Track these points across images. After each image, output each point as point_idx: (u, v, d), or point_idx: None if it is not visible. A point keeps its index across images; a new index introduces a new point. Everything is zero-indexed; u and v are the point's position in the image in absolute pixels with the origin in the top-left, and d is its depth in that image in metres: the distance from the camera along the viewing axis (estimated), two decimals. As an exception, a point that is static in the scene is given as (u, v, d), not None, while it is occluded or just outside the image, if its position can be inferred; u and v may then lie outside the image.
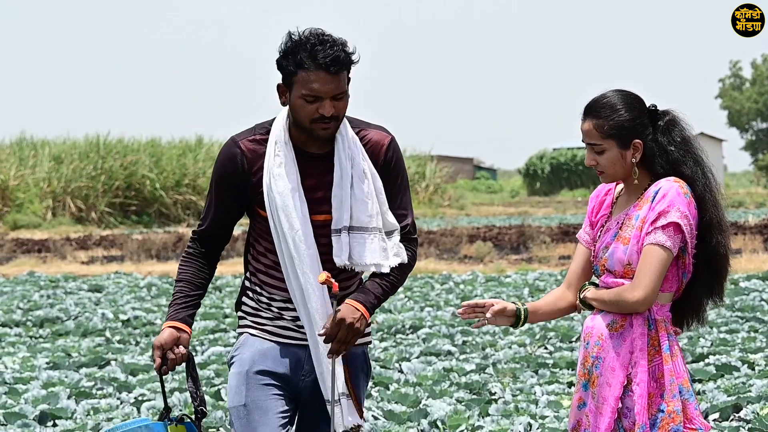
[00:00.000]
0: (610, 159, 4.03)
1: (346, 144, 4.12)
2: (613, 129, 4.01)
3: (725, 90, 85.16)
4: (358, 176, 4.11)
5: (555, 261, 21.51)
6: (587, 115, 4.06)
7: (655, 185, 4.01)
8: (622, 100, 4.05)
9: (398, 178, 4.20)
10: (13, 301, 15.76)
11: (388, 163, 4.18)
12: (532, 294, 15.62)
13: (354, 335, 4.06)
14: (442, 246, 24.19)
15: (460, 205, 52.00)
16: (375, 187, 4.13)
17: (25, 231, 36.11)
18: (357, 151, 4.12)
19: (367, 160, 4.13)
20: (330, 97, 4.03)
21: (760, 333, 11.47)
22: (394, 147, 4.19)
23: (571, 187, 66.60)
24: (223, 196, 4.18)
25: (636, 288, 3.93)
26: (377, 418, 7.72)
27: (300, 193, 4.09)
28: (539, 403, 8.01)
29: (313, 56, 4.01)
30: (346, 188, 4.10)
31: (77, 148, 43.44)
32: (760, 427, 7.24)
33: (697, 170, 4.03)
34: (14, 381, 9.46)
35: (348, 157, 4.11)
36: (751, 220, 30.51)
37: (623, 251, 4.00)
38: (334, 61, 4.00)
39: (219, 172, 4.18)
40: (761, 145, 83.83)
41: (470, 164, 76.50)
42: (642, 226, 3.98)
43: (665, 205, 3.94)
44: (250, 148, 4.14)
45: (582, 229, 4.25)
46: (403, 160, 4.25)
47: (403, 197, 4.21)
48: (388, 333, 12.24)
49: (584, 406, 4.09)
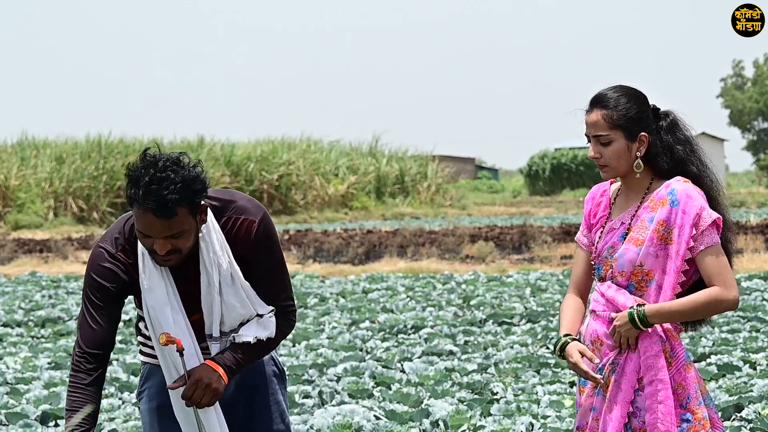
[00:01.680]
0: (616, 151, 4.02)
1: (210, 250, 4.01)
2: (621, 119, 4.01)
3: (727, 89, 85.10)
4: (226, 282, 4.03)
5: (557, 261, 21.50)
6: (594, 106, 4.05)
7: (666, 186, 4.01)
8: (630, 93, 4.06)
9: (271, 258, 4.11)
10: (14, 301, 15.77)
11: (258, 246, 4.08)
12: (534, 294, 15.61)
13: (212, 395, 4.02)
14: (444, 246, 24.19)
15: (462, 205, 51.98)
16: (244, 290, 4.06)
17: (26, 231, 36.12)
18: (223, 255, 4.02)
19: (232, 258, 4.03)
20: (163, 237, 3.91)
21: (761, 333, 11.46)
22: (263, 227, 4.07)
23: (573, 187, 66.56)
24: (106, 306, 4.08)
25: (729, 287, 3.93)
26: (379, 418, 7.72)
27: (173, 305, 4.04)
28: (541, 403, 8.00)
29: (142, 196, 3.84)
30: (214, 295, 4.04)
31: (79, 148, 43.49)
32: (761, 426, 7.24)
33: (703, 168, 4.05)
34: (16, 381, 9.46)
35: (214, 263, 4.02)
36: (752, 219, 30.49)
37: (636, 252, 3.99)
38: (161, 208, 3.84)
39: (96, 287, 4.06)
40: (763, 145, 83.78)
41: (472, 164, 76.47)
42: (660, 230, 3.97)
43: (696, 207, 3.95)
44: (123, 260, 4.06)
45: (580, 232, 4.24)
46: (275, 234, 4.13)
47: (277, 276, 4.14)
48: (389, 333, 12.24)
49: (594, 410, 4.09)
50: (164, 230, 3.88)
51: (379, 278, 18.39)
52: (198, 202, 3.92)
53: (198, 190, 3.90)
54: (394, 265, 21.32)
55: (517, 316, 13.14)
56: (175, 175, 3.85)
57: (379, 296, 15.65)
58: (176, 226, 3.88)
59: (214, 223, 4.04)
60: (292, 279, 18.81)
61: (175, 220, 3.86)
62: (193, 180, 3.89)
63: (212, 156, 45.76)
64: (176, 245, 3.92)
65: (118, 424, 7.74)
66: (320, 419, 7.44)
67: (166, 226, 3.87)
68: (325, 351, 10.69)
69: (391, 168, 52.08)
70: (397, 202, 50.31)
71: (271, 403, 4.29)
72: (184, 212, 3.88)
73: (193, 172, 3.90)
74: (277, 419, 4.29)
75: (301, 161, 48.03)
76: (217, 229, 4.04)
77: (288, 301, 4.18)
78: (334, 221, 43.49)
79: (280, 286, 4.16)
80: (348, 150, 53.51)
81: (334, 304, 15.09)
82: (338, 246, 24.92)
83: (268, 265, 4.12)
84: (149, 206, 3.84)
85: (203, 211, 3.97)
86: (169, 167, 3.86)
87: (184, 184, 3.86)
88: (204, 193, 3.95)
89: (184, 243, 3.93)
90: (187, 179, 3.87)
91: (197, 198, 3.90)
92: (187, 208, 3.88)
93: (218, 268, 4.02)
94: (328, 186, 48.26)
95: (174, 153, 3.95)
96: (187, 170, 3.89)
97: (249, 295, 4.09)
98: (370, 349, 11.06)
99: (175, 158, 3.91)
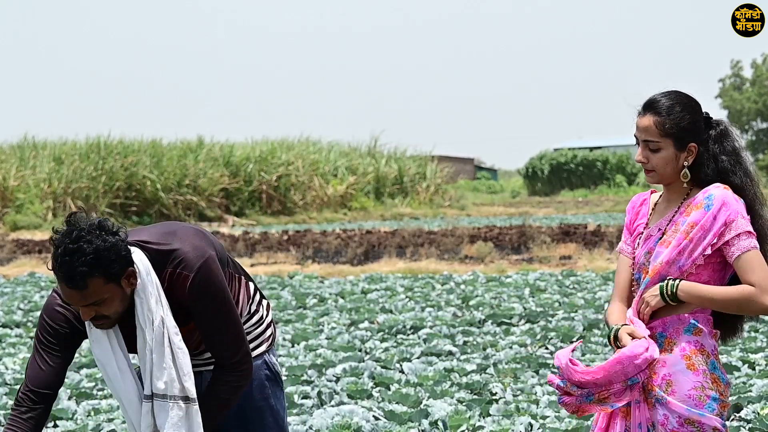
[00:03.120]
0: (664, 158, 3.99)
1: (144, 306, 3.98)
2: (673, 128, 3.98)
3: (725, 90, 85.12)
4: (158, 341, 3.99)
5: (555, 261, 21.50)
6: (648, 111, 4.02)
7: (704, 192, 3.98)
8: (684, 102, 4.02)
9: (209, 311, 4.03)
10: (13, 302, 15.76)
11: (193, 300, 4.01)
12: (533, 294, 15.60)
13: None
14: (443, 246, 24.18)
15: (461, 206, 51.98)
16: (173, 353, 3.99)
17: (25, 232, 36.09)
18: (158, 311, 3.98)
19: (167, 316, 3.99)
20: (83, 305, 3.91)
21: (760, 333, 11.47)
22: (198, 280, 3.99)
23: (572, 188, 66.59)
24: (54, 349, 4.09)
25: (765, 291, 3.88)
26: (378, 419, 7.72)
27: (117, 356, 4.03)
28: (540, 404, 8.00)
29: (57, 267, 3.85)
30: (147, 355, 4.01)
31: (78, 148, 43.46)
32: (760, 426, 7.24)
33: (746, 180, 4.01)
34: (15, 382, 9.46)
35: (148, 320, 3.98)
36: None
37: (666, 254, 3.98)
38: (70, 280, 3.83)
39: (47, 329, 4.08)
40: (762, 146, 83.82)
41: (471, 164, 76.49)
42: (690, 231, 3.95)
43: (730, 213, 3.92)
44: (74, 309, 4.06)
45: (622, 241, 4.21)
46: (216, 285, 4.02)
47: (219, 328, 4.05)
48: (389, 333, 12.23)
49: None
50: (80, 300, 3.88)
51: (378, 279, 18.38)
52: (115, 271, 3.87)
53: (112, 260, 3.85)
54: (393, 265, 21.31)
55: (516, 317, 13.14)
56: (88, 246, 3.82)
57: (378, 297, 15.65)
58: (91, 296, 3.87)
59: (152, 277, 3.98)
60: (291, 279, 18.79)
61: (88, 290, 3.85)
62: (108, 250, 3.84)
63: (211, 156, 45.76)
64: (100, 312, 3.92)
65: (117, 424, 7.74)
66: (319, 420, 7.44)
67: (80, 296, 3.87)
68: (324, 351, 10.69)
69: (390, 168, 52.08)
70: (396, 202, 50.30)
71: (264, 408, 4.28)
72: (99, 282, 3.85)
73: (109, 242, 3.85)
74: (271, 423, 4.28)
75: (300, 162, 48.02)
76: (154, 282, 3.98)
77: (232, 351, 4.06)
78: (333, 222, 43.48)
79: (223, 339, 4.05)
80: (347, 150, 53.51)
81: (333, 304, 15.08)
82: (337, 246, 24.91)
83: (206, 318, 4.03)
84: (61, 277, 3.85)
85: (129, 275, 3.93)
86: (83, 237, 3.83)
87: (95, 255, 3.82)
88: (121, 262, 3.87)
89: (108, 310, 3.92)
90: (100, 250, 3.83)
91: (111, 268, 3.85)
92: (102, 278, 3.85)
93: (152, 326, 3.98)
94: (327, 186, 48.25)
95: (96, 219, 3.91)
96: (102, 240, 3.84)
97: (179, 362, 4.01)
98: (369, 350, 11.05)
99: (95, 226, 3.88)
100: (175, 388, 4.01)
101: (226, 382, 4.09)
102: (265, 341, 4.34)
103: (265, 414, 4.28)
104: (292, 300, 15.45)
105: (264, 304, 4.43)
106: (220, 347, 4.06)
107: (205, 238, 4.10)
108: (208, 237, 4.14)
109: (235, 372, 4.08)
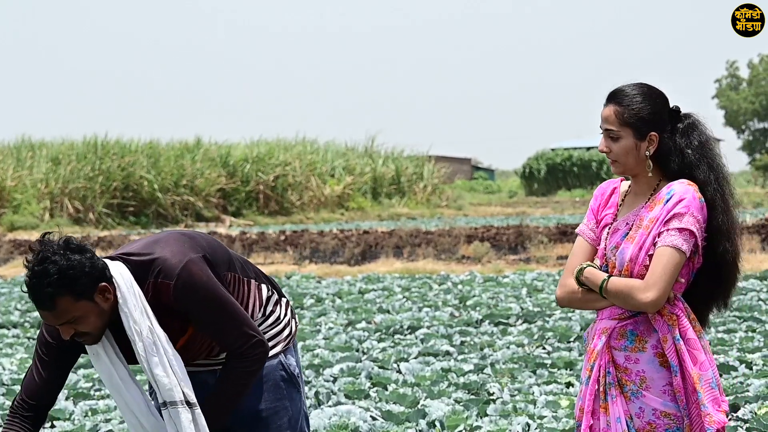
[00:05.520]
0: (624, 147, 4.00)
1: (130, 319, 3.99)
2: (632, 118, 3.99)
3: (722, 90, 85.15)
4: (151, 351, 4.01)
5: (553, 261, 21.50)
6: (609, 101, 4.05)
7: (668, 187, 3.98)
8: (646, 93, 4.03)
9: (202, 311, 4.03)
10: (10, 302, 15.76)
11: (182, 305, 4.02)
12: (530, 294, 15.61)
13: None
14: (440, 246, 24.18)
15: (458, 206, 51.97)
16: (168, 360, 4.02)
17: (22, 232, 36.06)
18: (144, 321, 3.99)
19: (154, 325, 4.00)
20: (58, 324, 3.94)
21: (757, 333, 11.48)
22: (181, 285, 3.99)
23: (569, 188, 66.58)
24: (50, 362, 4.13)
25: (648, 288, 3.91)
26: (375, 419, 7.72)
27: (117, 368, 4.06)
28: (537, 403, 8.01)
29: (27, 291, 3.92)
30: (146, 366, 4.04)
31: (75, 149, 43.41)
32: (758, 426, 7.24)
33: (710, 175, 4.00)
34: (12, 382, 9.45)
35: (137, 334, 3.99)
36: (748, 219, 30.51)
37: (630, 250, 3.98)
38: (38, 301, 3.88)
39: (44, 342, 4.12)
40: (758, 145, 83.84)
41: (468, 164, 76.49)
42: (650, 226, 3.96)
43: (681, 208, 3.92)
44: None
45: (584, 223, 4.20)
46: (200, 282, 4.01)
47: (218, 324, 4.05)
48: (386, 333, 12.23)
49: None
50: (54, 320, 3.92)
51: (375, 279, 18.38)
52: (81, 288, 3.88)
53: (77, 277, 3.86)
54: (391, 265, 21.31)
55: (514, 317, 13.14)
56: (52, 266, 3.85)
57: (375, 297, 15.64)
58: (63, 315, 3.89)
59: (135, 289, 3.99)
60: (288, 279, 18.79)
61: (57, 310, 3.88)
62: (72, 268, 3.86)
63: (209, 157, 45.73)
64: (78, 329, 3.94)
65: (114, 425, 7.73)
66: (317, 420, 7.44)
67: (53, 316, 3.90)
68: (322, 351, 10.69)
69: (387, 168, 52.07)
70: (394, 202, 50.29)
71: (278, 409, 4.27)
72: (68, 301, 3.87)
73: (73, 260, 3.87)
74: (285, 425, 4.28)
75: (297, 162, 48.01)
76: (137, 294, 3.99)
77: (239, 341, 4.07)
78: (331, 222, 43.47)
79: (225, 331, 4.07)
80: (344, 150, 53.49)
81: (330, 304, 15.08)
82: (334, 246, 24.91)
83: (200, 318, 4.05)
84: (32, 299, 3.90)
85: (101, 290, 3.93)
86: (48, 259, 3.85)
87: (60, 275, 3.85)
88: (87, 278, 3.89)
89: (85, 327, 3.94)
90: (63, 269, 3.85)
91: (77, 286, 3.87)
92: (70, 296, 3.87)
93: (139, 336, 3.99)
94: (324, 186, 48.24)
95: (63, 238, 3.92)
96: (65, 259, 3.86)
97: (174, 369, 4.03)
98: (367, 350, 11.05)
99: (60, 246, 3.90)
100: (179, 393, 4.03)
101: (238, 368, 4.09)
102: (281, 342, 4.32)
103: (280, 415, 4.27)
104: (289, 300, 15.44)
105: (283, 303, 4.42)
106: (226, 339, 4.08)
107: (189, 242, 4.09)
108: (195, 240, 4.12)
109: (246, 358, 4.09)
